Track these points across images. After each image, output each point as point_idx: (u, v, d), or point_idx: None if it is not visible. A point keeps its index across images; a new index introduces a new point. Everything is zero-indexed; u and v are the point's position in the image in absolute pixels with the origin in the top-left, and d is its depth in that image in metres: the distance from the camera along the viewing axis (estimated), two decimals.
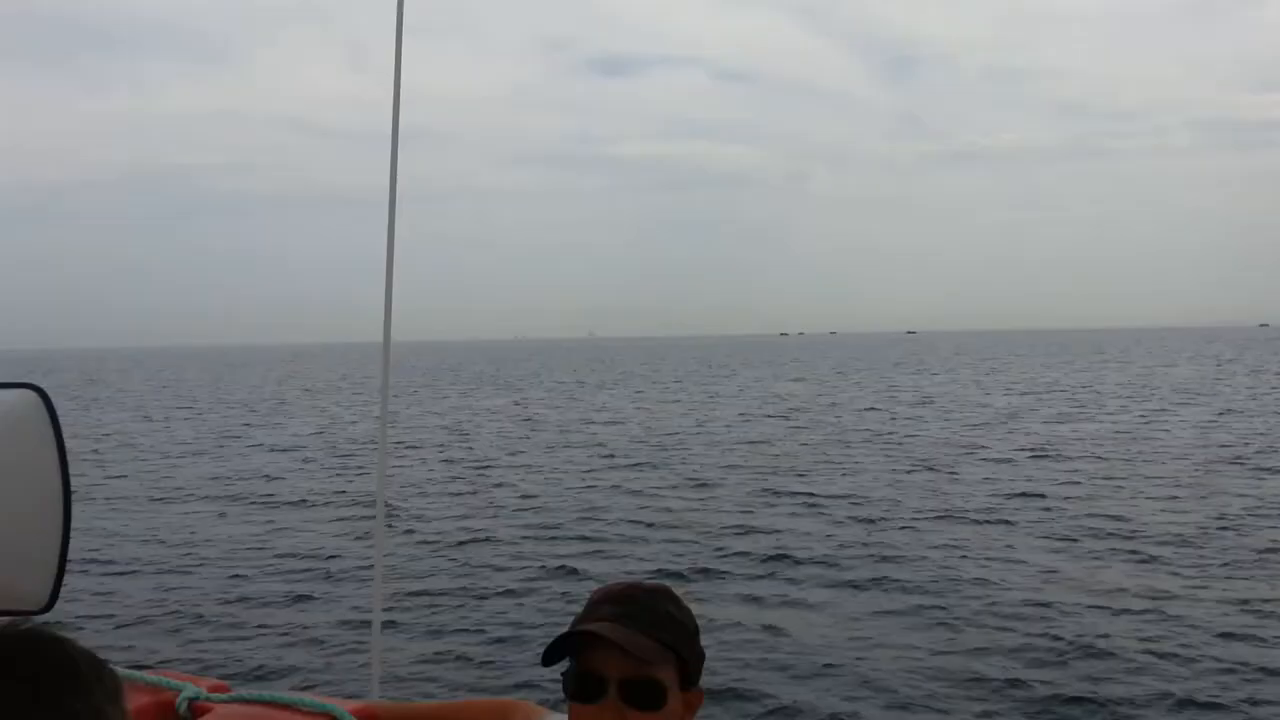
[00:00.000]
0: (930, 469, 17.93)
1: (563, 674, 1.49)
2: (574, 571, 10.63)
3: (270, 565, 11.27)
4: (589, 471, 18.78)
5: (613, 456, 21.06)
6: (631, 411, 34.03)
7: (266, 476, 18.97)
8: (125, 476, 19.20)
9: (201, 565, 11.27)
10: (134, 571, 11.06)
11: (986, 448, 20.93)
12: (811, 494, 15.34)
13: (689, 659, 1.50)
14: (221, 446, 24.69)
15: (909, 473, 17.52)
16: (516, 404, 39.26)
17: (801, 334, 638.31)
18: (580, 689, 1.46)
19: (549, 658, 1.46)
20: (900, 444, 22.12)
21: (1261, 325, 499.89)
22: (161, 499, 16.39)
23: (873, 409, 32.82)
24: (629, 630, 1.45)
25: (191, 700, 2.00)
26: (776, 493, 15.61)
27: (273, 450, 23.67)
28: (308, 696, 2.03)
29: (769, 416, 30.74)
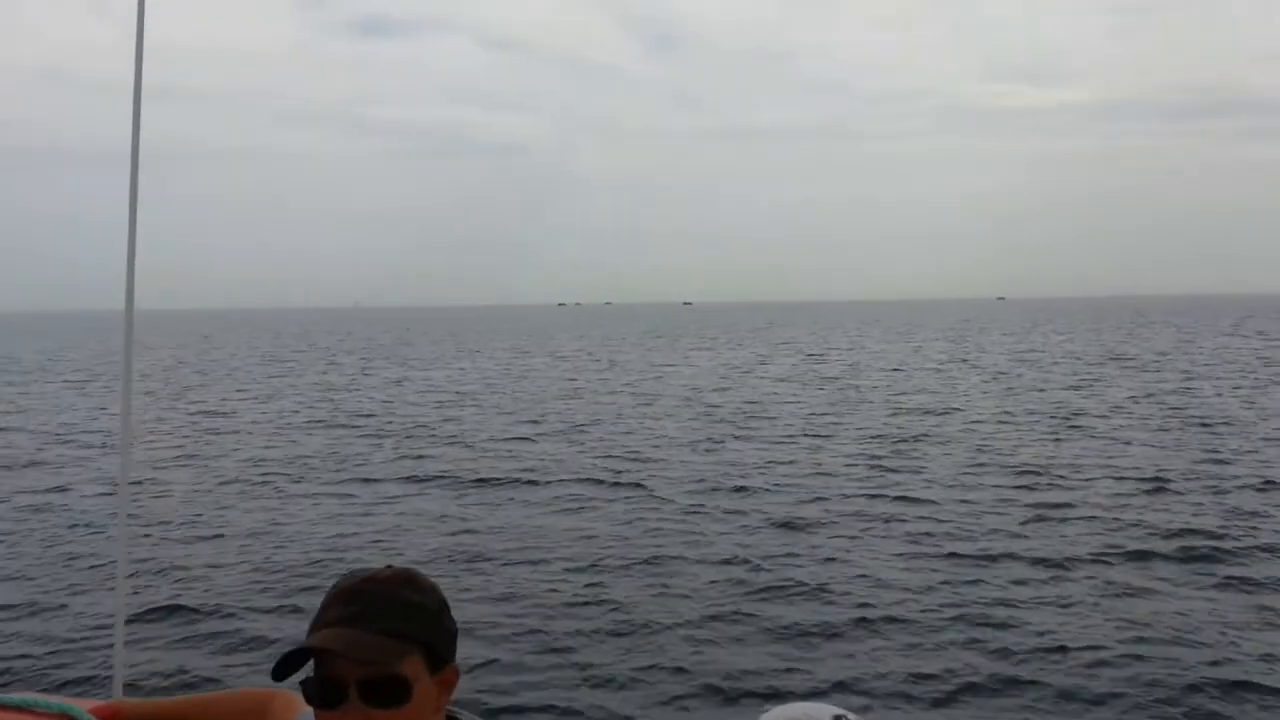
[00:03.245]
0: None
1: (301, 682, 1.47)
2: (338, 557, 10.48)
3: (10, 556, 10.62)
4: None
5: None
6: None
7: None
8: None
9: None
10: None
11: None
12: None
13: (435, 642, 1.50)
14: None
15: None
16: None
17: (578, 304, 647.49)
18: (320, 697, 1.45)
19: (280, 672, 1.44)
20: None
21: (999, 298, 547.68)
22: None
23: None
24: (360, 632, 1.44)
25: None
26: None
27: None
28: (45, 698, 1.90)
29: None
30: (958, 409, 23.20)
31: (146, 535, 11.63)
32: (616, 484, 14.30)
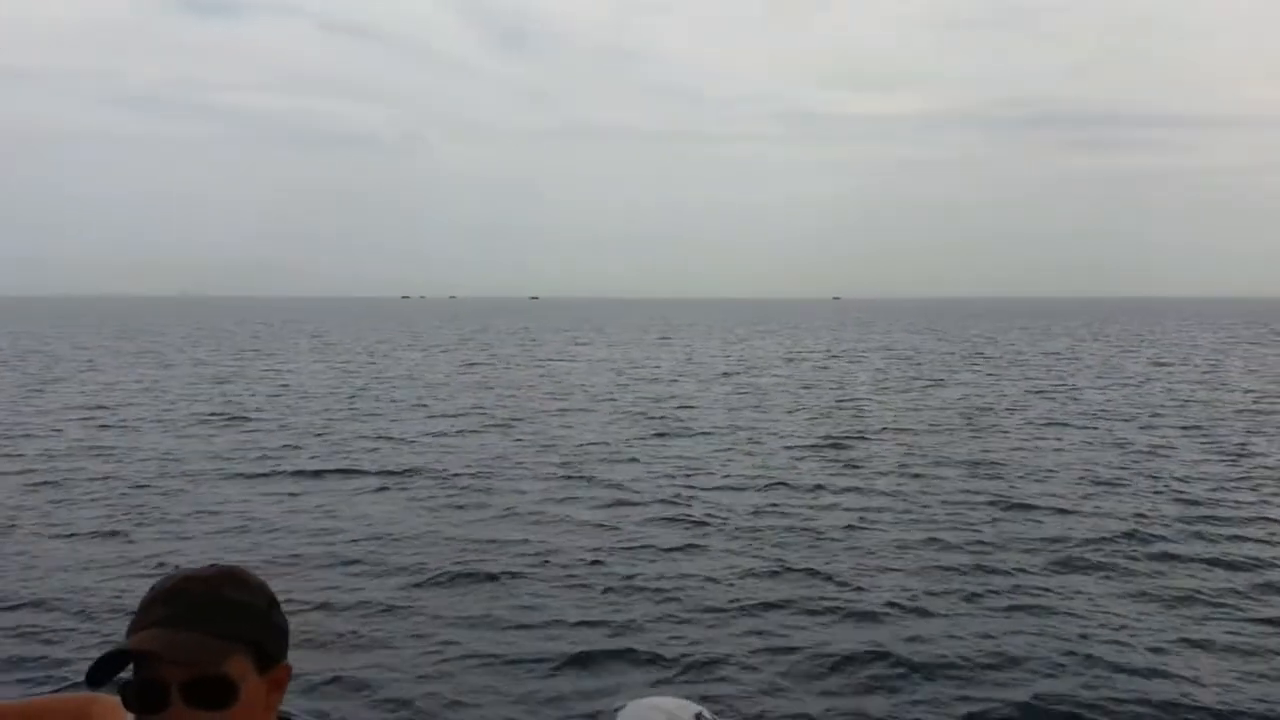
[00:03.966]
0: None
1: (120, 687, 1.42)
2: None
3: None
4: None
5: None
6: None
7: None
8: None
9: None
10: None
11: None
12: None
13: (263, 640, 1.46)
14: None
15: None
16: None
17: (423, 298, 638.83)
18: (140, 701, 1.40)
19: (96, 676, 1.38)
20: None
21: (835, 298, 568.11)
22: None
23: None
24: (180, 632, 1.39)
25: None
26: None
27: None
28: None
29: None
30: (864, 400, 23.96)
31: None
32: (581, 479, 14.17)
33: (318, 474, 14.47)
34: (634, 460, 15.76)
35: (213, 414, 21.68)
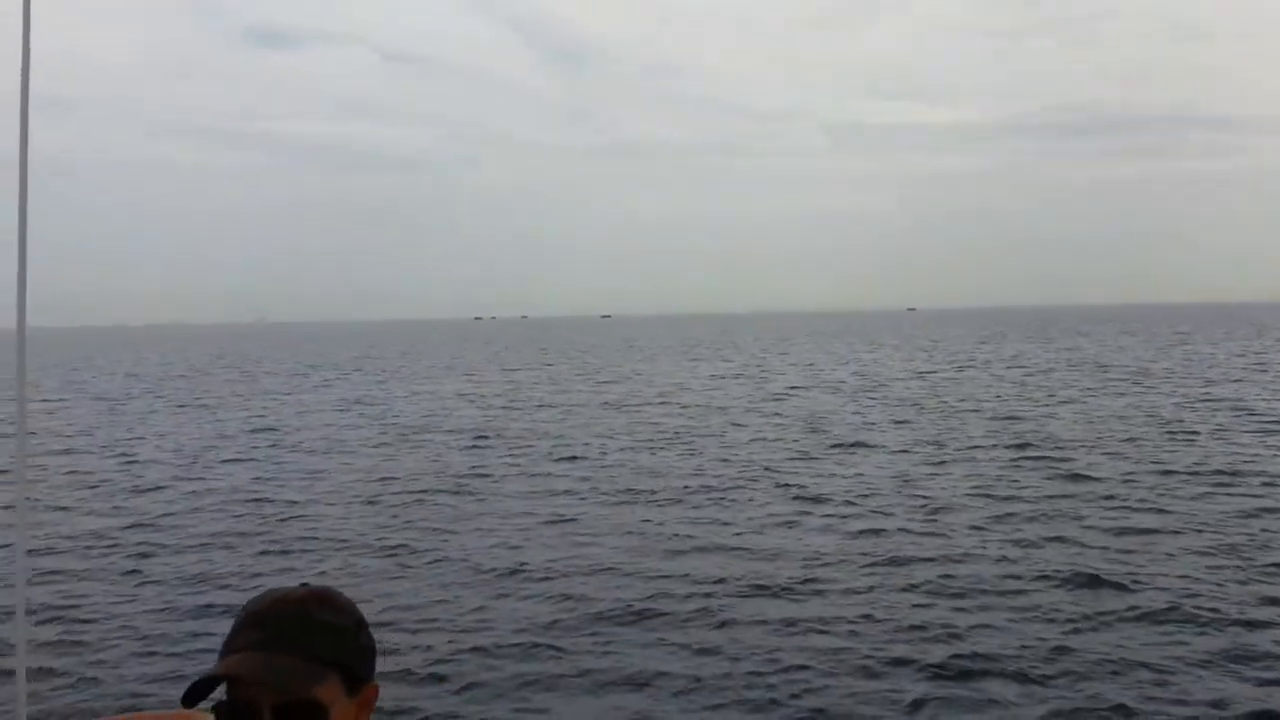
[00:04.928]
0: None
1: (213, 708, 1.45)
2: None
3: None
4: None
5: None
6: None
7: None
8: None
9: None
10: None
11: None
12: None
13: (351, 662, 1.49)
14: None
15: None
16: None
17: (494, 318, 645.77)
18: None
19: (190, 699, 1.41)
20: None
21: (910, 309, 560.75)
22: None
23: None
24: (271, 656, 1.42)
25: None
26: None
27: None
28: None
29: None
30: (1025, 411, 23.30)
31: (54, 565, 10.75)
32: (800, 494, 14.07)
33: (531, 493, 14.57)
34: (833, 475, 15.57)
35: (382, 434, 22.03)
